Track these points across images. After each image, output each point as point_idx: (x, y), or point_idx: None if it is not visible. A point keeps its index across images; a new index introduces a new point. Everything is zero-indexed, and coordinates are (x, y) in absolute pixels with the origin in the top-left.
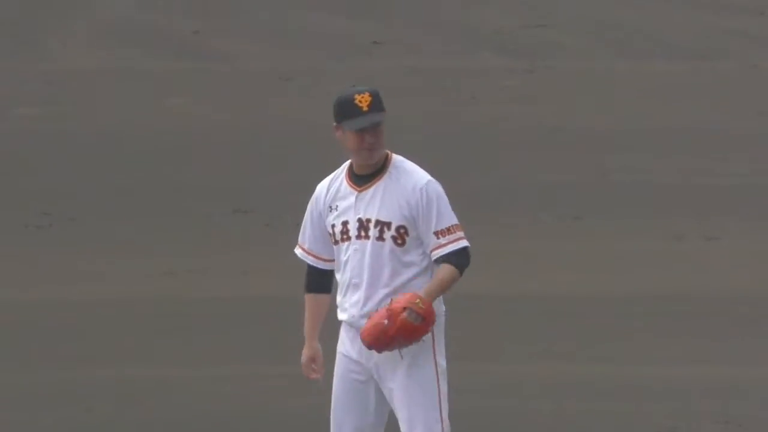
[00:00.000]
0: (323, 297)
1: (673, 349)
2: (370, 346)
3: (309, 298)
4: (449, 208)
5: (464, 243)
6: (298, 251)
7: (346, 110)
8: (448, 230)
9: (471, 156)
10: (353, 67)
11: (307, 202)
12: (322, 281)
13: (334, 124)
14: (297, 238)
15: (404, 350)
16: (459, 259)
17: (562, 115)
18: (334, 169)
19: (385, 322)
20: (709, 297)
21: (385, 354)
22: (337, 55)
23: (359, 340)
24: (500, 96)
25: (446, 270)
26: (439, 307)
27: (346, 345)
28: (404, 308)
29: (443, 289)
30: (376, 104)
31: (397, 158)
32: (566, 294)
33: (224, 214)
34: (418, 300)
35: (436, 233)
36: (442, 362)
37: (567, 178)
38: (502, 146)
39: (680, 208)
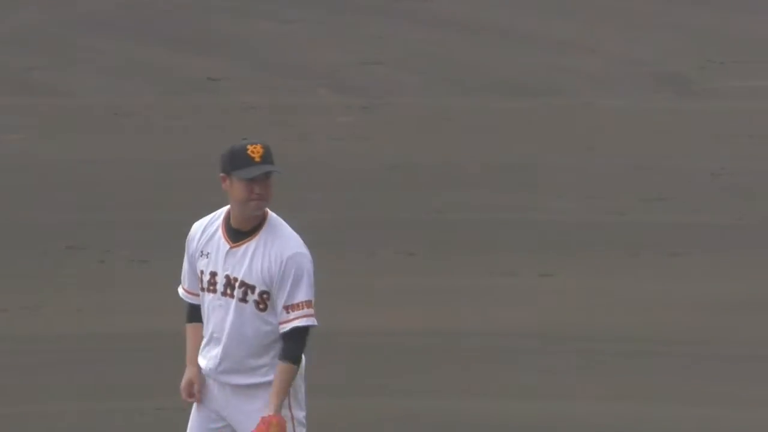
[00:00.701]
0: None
1: (490, 385)
2: None
3: (190, 328)
4: (308, 282)
5: (307, 322)
6: (180, 291)
7: (237, 160)
8: (298, 306)
9: (306, 192)
10: (190, 103)
11: (144, 239)
12: (201, 313)
13: (222, 174)
14: (131, 275)
15: (259, 404)
16: (293, 344)
17: (399, 152)
18: (171, 205)
19: None
20: (538, 332)
21: (241, 403)
22: (173, 91)
23: (217, 388)
24: (337, 132)
25: (282, 370)
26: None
27: (205, 388)
28: None
29: (286, 390)
30: (268, 156)
31: (273, 219)
32: (402, 329)
33: (58, 250)
34: (273, 429)
35: (286, 307)
36: (299, 414)
37: (402, 216)
38: (337, 183)
39: (515, 244)
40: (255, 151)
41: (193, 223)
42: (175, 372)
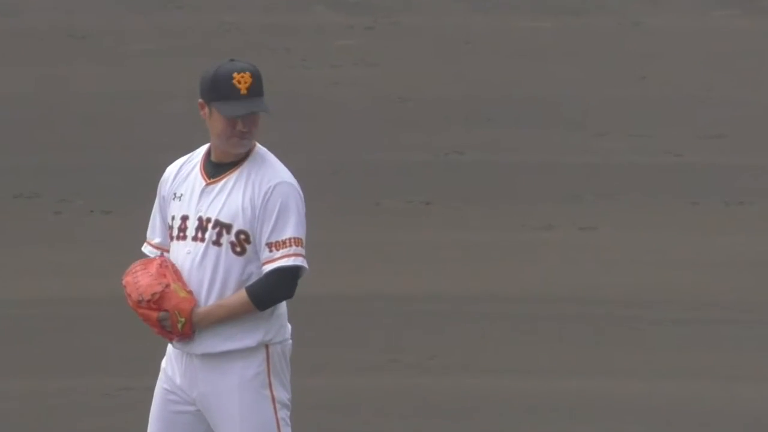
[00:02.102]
0: None
1: (519, 360)
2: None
3: None
4: (297, 218)
5: (296, 261)
6: (145, 248)
7: (220, 89)
8: (285, 243)
9: (298, 130)
10: (159, 24)
11: (106, 186)
12: None
13: (200, 100)
14: (91, 228)
15: (235, 380)
16: (269, 285)
17: (409, 82)
18: (138, 146)
19: (141, 298)
20: (576, 297)
21: (213, 385)
22: (139, 10)
23: (185, 362)
24: (335, 58)
25: (238, 298)
26: (283, 333)
27: (171, 363)
28: (165, 311)
29: (225, 318)
30: (257, 88)
31: (261, 150)
32: (413, 293)
33: (4, 200)
34: (183, 319)
35: (270, 245)
36: (283, 395)
37: (415, 157)
38: (337, 119)
39: (549, 192)
40: (242, 80)
41: (167, 166)
42: (145, 345)
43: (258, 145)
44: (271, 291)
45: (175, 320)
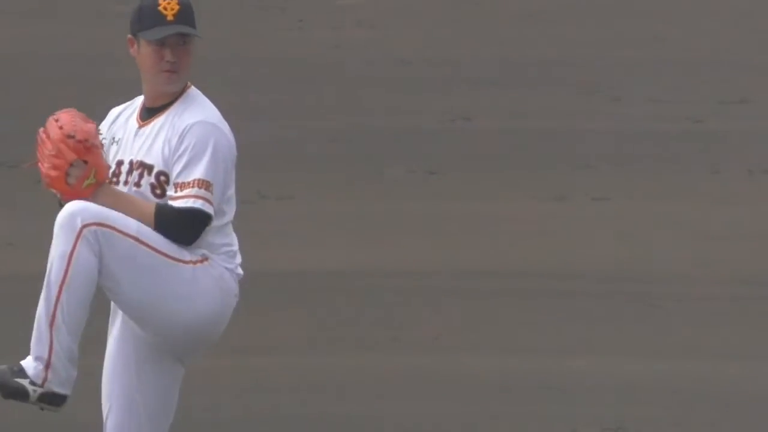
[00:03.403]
0: None
1: (525, 340)
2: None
3: None
4: (210, 160)
5: (195, 204)
6: None
7: (145, 18)
8: (188, 184)
9: (296, 97)
10: None
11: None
12: None
13: (129, 36)
14: (47, 194)
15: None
16: (169, 224)
17: (412, 44)
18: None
19: (73, 134)
20: (588, 271)
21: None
22: None
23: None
24: (335, 19)
25: (146, 209)
26: (229, 284)
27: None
28: (84, 161)
29: (128, 211)
30: (185, 16)
31: (193, 91)
32: (418, 268)
33: None
34: (93, 180)
35: (176, 185)
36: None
37: (419, 124)
38: (335, 83)
39: (560, 160)
40: (168, 7)
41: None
42: (100, 324)
43: (192, 87)
44: (172, 228)
45: (85, 175)
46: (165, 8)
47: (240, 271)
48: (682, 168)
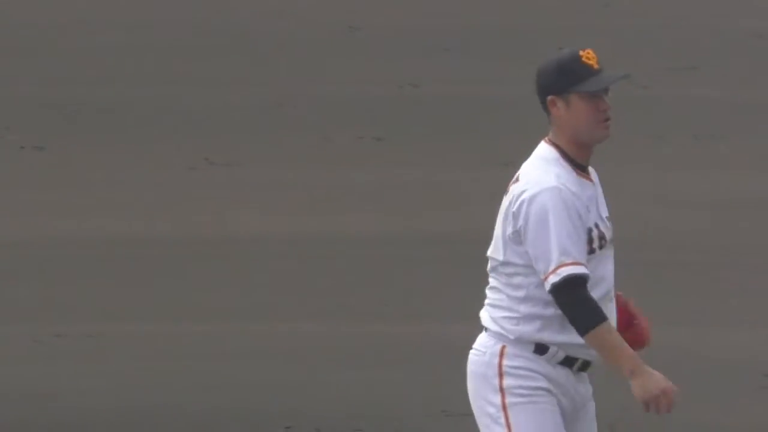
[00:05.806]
0: None
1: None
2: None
3: (608, 325)
4: None
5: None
6: (574, 269)
7: (574, 72)
8: None
9: (239, 63)
10: None
11: (40, 119)
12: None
13: (550, 96)
14: (22, 164)
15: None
16: None
17: (360, 7)
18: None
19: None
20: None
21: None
22: None
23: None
24: None
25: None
26: None
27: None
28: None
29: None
30: (600, 61)
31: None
32: (366, 236)
33: None
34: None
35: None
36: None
37: (366, 91)
38: (278, 48)
39: (510, 127)
40: (589, 56)
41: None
42: (80, 290)
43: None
44: None
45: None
46: (588, 58)
47: None
48: (627, 134)
